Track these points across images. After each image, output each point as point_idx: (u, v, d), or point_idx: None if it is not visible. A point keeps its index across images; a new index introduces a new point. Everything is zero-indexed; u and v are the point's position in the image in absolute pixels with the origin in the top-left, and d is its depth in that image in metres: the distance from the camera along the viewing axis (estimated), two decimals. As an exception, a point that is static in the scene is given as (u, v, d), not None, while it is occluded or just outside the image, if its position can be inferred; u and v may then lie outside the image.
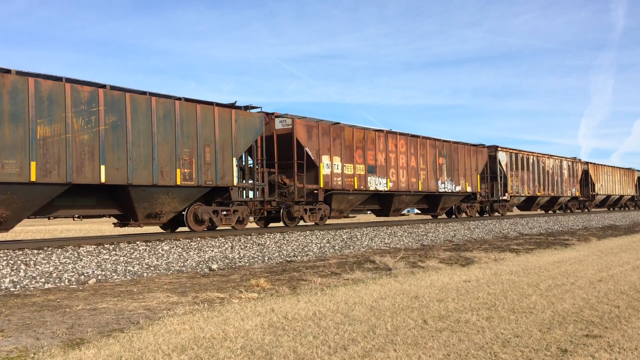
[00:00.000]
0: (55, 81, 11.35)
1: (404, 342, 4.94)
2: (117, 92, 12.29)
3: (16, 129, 10.71)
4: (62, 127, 11.38)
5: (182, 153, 13.51)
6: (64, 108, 11.40)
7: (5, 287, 8.54)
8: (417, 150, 22.00)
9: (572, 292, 7.59)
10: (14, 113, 10.68)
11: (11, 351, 4.78)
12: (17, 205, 11.02)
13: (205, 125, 14.05)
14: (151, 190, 13.04)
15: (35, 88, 10.98)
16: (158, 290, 8.17)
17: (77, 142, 11.59)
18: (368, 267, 10.69)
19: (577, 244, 16.31)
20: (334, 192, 18.07)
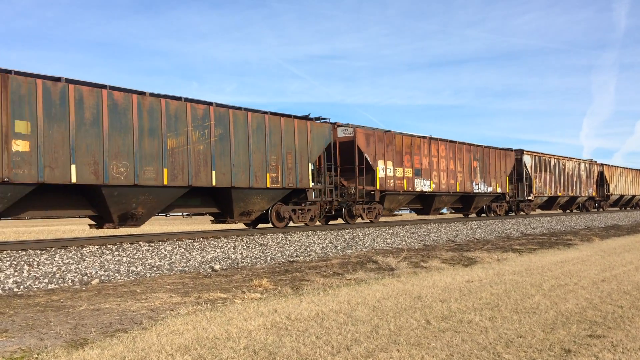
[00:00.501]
0: (179, 101, 13.65)
1: (407, 342, 4.94)
2: (222, 108, 14.56)
3: (152, 142, 12.99)
4: (185, 139, 13.68)
5: (270, 160, 15.85)
6: (186, 124, 13.71)
7: (8, 287, 8.56)
8: (455, 155, 24.30)
9: (575, 292, 7.58)
10: (151, 128, 12.97)
11: (15, 351, 4.79)
12: (151, 204, 13.40)
13: (287, 136, 16.39)
14: (247, 191, 15.34)
15: (166, 107, 13.30)
16: (161, 291, 8.18)
17: (195, 152, 13.89)
18: (370, 268, 10.69)
19: (580, 244, 16.29)
20: (387, 193, 20.48)
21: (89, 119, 11.88)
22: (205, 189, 14.60)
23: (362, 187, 19.32)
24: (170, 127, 13.33)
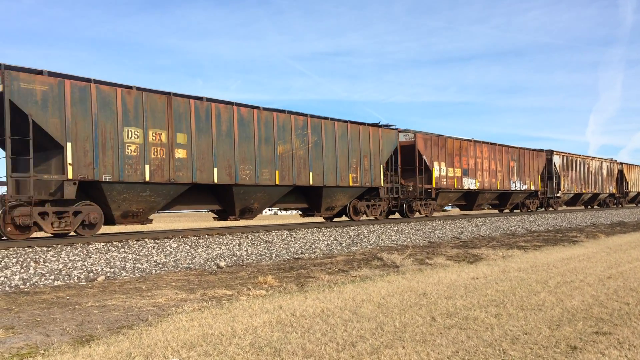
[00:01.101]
0: (285, 114, 16.45)
1: (413, 339, 4.94)
2: (316, 119, 17.38)
3: (267, 149, 15.80)
4: (290, 146, 16.48)
5: (352, 162, 18.60)
6: (290, 133, 16.51)
7: (15, 284, 8.61)
8: (495, 156, 26.97)
9: (581, 289, 7.55)
10: (266, 137, 15.76)
11: (22, 348, 4.82)
12: (264, 200, 16.32)
13: (364, 141, 19.17)
14: (334, 189, 18.13)
15: (276, 119, 16.09)
16: (166, 288, 8.20)
17: (297, 157, 16.68)
18: (375, 264, 10.68)
19: (585, 240, 16.23)
20: (440, 190, 23.13)
21: (224, 131, 14.72)
22: (298, 188, 17.36)
23: (421, 186, 22.10)
24: (279, 136, 16.20)
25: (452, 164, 23.61)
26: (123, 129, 12.64)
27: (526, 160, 29.54)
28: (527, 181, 29.59)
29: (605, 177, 39.57)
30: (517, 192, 28.90)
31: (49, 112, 11.50)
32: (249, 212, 16.15)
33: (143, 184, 13.03)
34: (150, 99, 13.15)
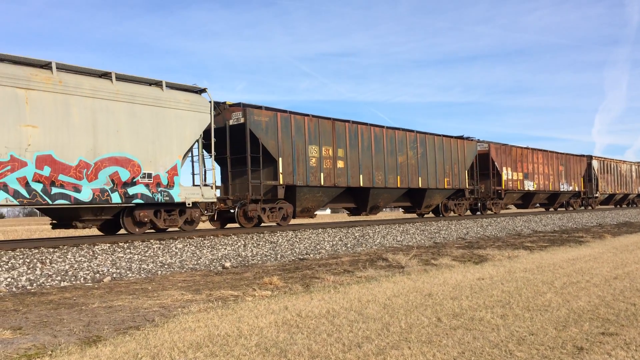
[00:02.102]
0: (401, 130, 20.52)
1: (418, 339, 4.94)
2: (421, 134, 21.42)
3: (392, 159, 19.92)
4: (405, 156, 20.56)
5: (446, 169, 22.68)
6: (406, 146, 20.64)
7: (22, 285, 8.65)
8: (548, 161, 31.02)
9: (587, 289, 7.53)
10: (390, 150, 19.89)
11: (29, 348, 4.84)
12: (387, 199, 20.74)
13: (454, 151, 23.27)
14: (434, 191, 22.30)
15: (396, 135, 20.30)
16: (172, 288, 8.23)
17: (410, 165, 20.77)
18: (381, 265, 10.68)
19: (591, 241, 16.17)
20: (507, 191, 27.30)
21: (365, 146, 18.82)
22: (404, 190, 20.92)
23: (493, 187, 26.43)
24: (399, 149, 20.31)
25: (516, 168, 27.84)
26: (308, 147, 16.78)
27: (571, 165, 33.77)
28: (573, 183, 33.93)
29: (635, 179, 43.72)
30: (565, 192, 33.25)
31: (269, 136, 15.69)
32: (376, 209, 20.46)
33: (319, 187, 17.27)
34: (322, 123, 17.35)
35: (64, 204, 11.29)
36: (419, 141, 21.29)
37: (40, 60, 11.38)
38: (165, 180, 13.02)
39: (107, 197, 11.94)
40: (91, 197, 11.62)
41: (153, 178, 12.80)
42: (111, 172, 12.08)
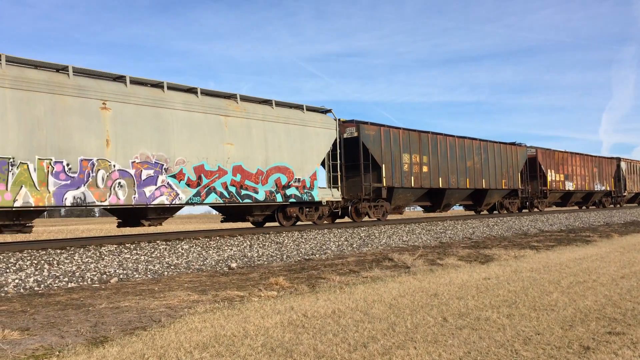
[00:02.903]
0: (468, 139, 23.98)
1: (424, 339, 4.94)
2: (484, 142, 25.03)
3: (462, 164, 23.41)
4: (472, 162, 23.97)
5: (502, 171, 26.30)
6: (472, 152, 24.14)
7: (29, 286, 8.70)
8: (584, 163, 34.84)
9: (594, 289, 7.50)
10: (460, 156, 23.30)
11: (37, 349, 4.88)
12: (457, 199, 24.28)
13: (509, 156, 27.01)
14: (494, 191, 26.01)
15: (465, 143, 23.73)
16: (179, 289, 8.25)
17: (476, 169, 24.19)
18: (386, 265, 10.68)
19: (598, 240, 16.10)
20: (551, 191, 31.04)
21: (442, 153, 22.23)
22: (471, 190, 24.35)
23: (540, 188, 30.30)
24: (467, 155, 23.74)
25: (558, 170, 31.62)
26: (402, 155, 20.19)
27: (603, 166, 37.55)
28: (605, 183, 37.69)
29: None
30: (598, 192, 37.02)
31: (375, 147, 19.24)
32: (447, 207, 23.93)
33: (409, 188, 20.63)
34: (411, 135, 20.77)
35: (248, 203, 15.17)
36: (482, 148, 24.88)
37: (230, 94, 15.17)
38: (308, 183, 16.84)
39: (274, 197, 15.74)
40: (264, 197, 15.46)
41: (301, 182, 16.62)
42: (276, 177, 15.88)
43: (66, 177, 11.58)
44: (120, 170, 12.41)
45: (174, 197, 13.39)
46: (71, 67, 11.96)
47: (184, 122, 13.73)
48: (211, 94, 14.73)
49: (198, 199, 13.97)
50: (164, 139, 13.29)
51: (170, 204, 13.39)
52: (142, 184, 12.75)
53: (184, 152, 13.67)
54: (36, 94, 11.34)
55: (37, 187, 11.09)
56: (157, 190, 13.03)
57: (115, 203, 12.27)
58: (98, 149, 12.08)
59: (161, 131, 13.26)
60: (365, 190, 18.89)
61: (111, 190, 12.21)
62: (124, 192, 12.42)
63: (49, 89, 11.52)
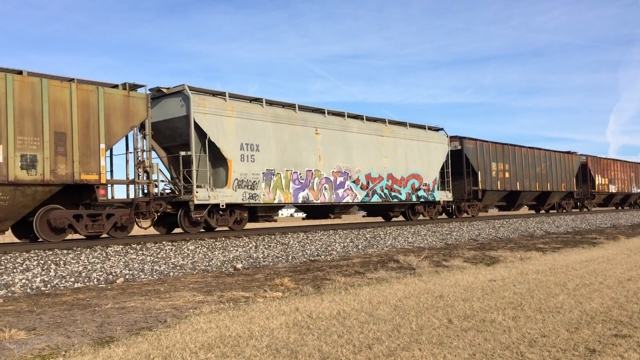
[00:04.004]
0: (536, 149, 28.73)
1: (429, 341, 4.93)
2: (548, 151, 29.96)
3: (533, 170, 28.24)
4: (540, 168, 28.78)
5: (561, 176, 31.15)
6: (540, 159, 28.90)
7: (36, 286, 8.75)
8: (623, 168, 39.63)
9: (600, 291, 7.47)
10: (532, 163, 28.14)
11: (43, 349, 4.90)
12: (528, 199, 29.36)
13: (566, 163, 31.84)
14: (555, 193, 30.79)
15: (537, 153, 28.95)
16: (184, 290, 8.28)
17: (542, 174, 29.06)
18: (392, 267, 10.67)
19: (605, 242, 16.02)
20: (598, 193, 35.71)
21: (519, 161, 27.30)
22: (538, 192, 29.41)
23: (589, 190, 34.96)
24: (537, 162, 28.72)
25: (603, 175, 36.40)
26: (491, 163, 25.22)
27: (639, 171, 42.49)
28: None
29: None
30: (634, 194, 41.85)
31: (473, 157, 24.25)
32: (519, 206, 29.17)
33: (496, 191, 25.63)
34: (497, 146, 25.78)
35: (396, 202, 20.19)
36: (547, 156, 29.67)
37: (382, 119, 20.36)
38: (431, 187, 21.77)
39: (410, 197, 20.72)
40: (405, 197, 20.45)
41: (427, 186, 21.53)
42: (412, 182, 20.79)
43: (298, 183, 16.54)
44: (325, 178, 17.41)
45: (354, 197, 18.33)
46: (297, 105, 17.19)
47: (358, 142, 18.68)
48: (371, 119, 19.94)
49: (367, 198, 18.80)
50: (348, 154, 18.26)
51: (352, 202, 18.51)
52: (336, 188, 17.75)
53: (359, 164, 18.59)
54: (283, 125, 16.26)
55: (284, 189, 16.05)
56: (345, 192, 18.04)
57: (322, 201, 17.28)
58: (314, 162, 17.12)
59: (346, 149, 18.26)
60: (467, 192, 24.22)
61: (320, 191, 17.18)
62: (327, 193, 17.39)
63: (289, 121, 16.50)
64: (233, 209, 15.12)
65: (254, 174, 15.27)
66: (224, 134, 14.71)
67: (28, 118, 11.14)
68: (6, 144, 10.88)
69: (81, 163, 11.83)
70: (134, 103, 12.84)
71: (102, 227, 12.31)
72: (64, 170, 11.59)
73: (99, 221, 12.25)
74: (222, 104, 14.91)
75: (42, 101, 11.31)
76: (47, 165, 11.35)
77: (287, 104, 16.99)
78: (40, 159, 11.27)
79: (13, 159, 10.93)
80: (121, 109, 12.59)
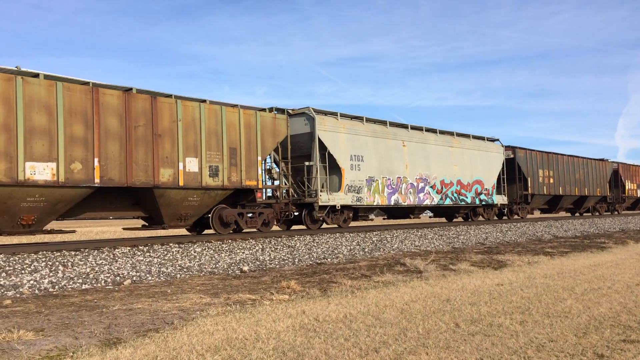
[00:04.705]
0: (575, 157, 32.00)
1: (436, 345, 4.92)
2: (585, 159, 33.04)
3: (572, 176, 31.40)
4: (579, 174, 31.69)
5: (597, 181, 34.03)
6: (579, 167, 32.10)
7: (44, 287, 8.80)
8: None
9: (608, 296, 7.42)
10: (572, 170, 31.49)
11: (51, 350, 4.93)
12: (567, 203, 32.20)
13: (601, 169, 34.75)
14: (591, 197, 33.68)
15: (575, 160, 31.94)
16: (191, 292, 8.30)
17: (580, 180, 31.95)
18: (398, 270, 10.64)
19: (613, 247, 15.92)
20: (627, 197, 38.69)
21: (560, 167, 30.29)
22: (577, 197, 32.16)
23: (620, 195, 37.58)
24: (576, 169, 31.77)
25: (633, 181, 39.11)
26: (538, 170, 28.40)
27: None
28: None
29: None
30: None
31: (523, 164, 27.48)
32: (560, 210, 32.18)
33: (542, 195, 28.91)
34: (543, 155, 28.90)
35: (463, 204, 23.25)
36: (584, 163, 32.58)
37: (450, 132, 23.55)
38: (491, 191, 24.84)
39: (474, 201, 23.83)
40: (470, 200, 23.52)
41: (487, 190, 24.54)
42: (475, 187, 23.78)
43: (391, 188, 19.49)
44: (410, 183, 20.43)
45: (431, 200, 21.36)
46: (388, 122, 20.33)
47: (434, 152, 21.76)
48: (443, 132, 22.95)
49: (441, 201, 21.89)
50: (427, 163, 21.28)
51: (430, 205, 21.62)
52: (418, 192, 20.72)
53: (435, 171, 21.58)
54: (379, 139, 19.39)
55: (380, 193, 19.08)
56: (424, 196, 21.04)
57: (408, 203, 20.25)
58: (402, 170, 20.14)
59: (425, 158, 21.29)
60: (519, 196, 27.55)
61: (407, 195, 20.19)
62: (412, 197, 20.44)
63: (383, 135, 19.66)
64: (342, 210, 18.21)
65: (359, 180, 18.39)
66: (338, 147, 17.91)
67: (213, 137, 14.14)
68: (200, 158, 13.77)
69: (245, 172, 14.88)
70: (279, 123, 16.12)
71: (256, 223, 15.46)
72: (235, 178, 14.66)
73: (253, 218, 15.44)
74: (335, 122, 18.07)
75: (221, 123, 14.38)
76: (225, 173, 14.39)
77: (380, 120, 20.14)
78: (221, 169, 14.30)
79: (204, 169, 13.87)
80: (270, 128, 15.76)
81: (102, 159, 12.06)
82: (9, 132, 10.82)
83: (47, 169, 11.26)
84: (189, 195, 13.71)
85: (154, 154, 12.90)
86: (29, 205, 11.21)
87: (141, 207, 13.64)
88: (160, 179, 13.03)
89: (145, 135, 12.80)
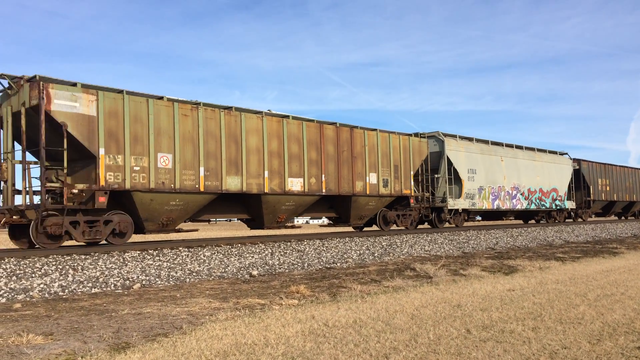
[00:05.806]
0: (625, 167, 36.02)
1: (447, 351, 4.86)
2: (632, 168, 36.73)
3: (623, 183, 35.28)
4: (629, 182, 36.02)
5: (628, 184, 35.85)
6: (628, 175, 36.12)
7: (54, 291, 8.82)
8: None
9: (622, 302, 7.31)
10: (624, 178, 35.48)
11: (60, 354, 4.92)
12: (619, 207, 36.33)
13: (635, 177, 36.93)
14: (636, 203, 37.45)
15: (624, 170, 35.61)
16: (200, 296, 8.28)
17: (629, 188, 35.91)
18: (408, 275, 10.57)
19: (626, 252, 15.74)
20: None
21: (614, 176, 34.07)
22: (627, 202, 35.78)
23: None
24: (626, 178, 35.19)
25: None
26: (598, 179, 31.31)
27: None
28: None
29: None
30: None
31: (587, 174, 31.13)
32: (613, 213, 35.84)
33: (600, 200, 32.36)
34: (600, 166, 32.28)
35: (543, 209, 28.00)
36: (633, 173, 36.24)
37: (530, 147, 28.17)
38: (563, 198, 29.18)
39: (551, 205, 28.25)
40: (548, 205, 28.21)
41: (560, 197, 28.93)
42: (552, 194, 28.28)
43: (493, 195, 24.07)
44: (507, 191, 24.85)
45: (521, 205, 25.81)
46: (490, 141, 25.22)
47: (523, 165, 26.29)
48: (528, 148, 27.63)
49: (528, 206, 26.35)
50: (518, 174, 25.85)
51: (520, 209, 25.94)
52: (512, 198, 25.19)
53: (524, 181, 26.17)
54: (485, 156, 24.13)
55: (487, 199, 23.67)
56: (516, 201, 25.51)
57: (505, 207, 24.65)
58: (501, 180, 24.66)
59: (517, 170, 25.83)
60: (583, 202, 31.50)
61: (504, 201, 24.57)
62: (508, 202, 24.79)
63: (487, 152, 24.29)
64: (458, 212, 22.73)
65: (474, 189, 23.04)
66: (460, 163, 22.56)
67: (384, 157, 18.64)
68: (377, 173, 18.30)
69: (403, 183, 19.24)
70: (422, 145, 20.44)
71: (406, 222, 19.88)
72: (397, 187, 19.05)
73: (404, 218, 19.82)
74: (456, 142, 22.77)
75: (389, 147, 18.85)
76: (392, 184, 18.85)
77: (483, 140, 25.06)
78: (389, 181, 18.75)
79: (380, 181, 18.39)
80: (417, 149, 20.09)
81: (325, 175, 16.63)
82: (280, 158, 15.40)
83: (298, 182, 15.83)
84: (370, 200, 18.17)
85: (352, 171, 17.45)
86: (286, 207, 15.81)
87: (334, 210, 18.08)
88: (356, 189, 17.51)
89: (347, 157, 17.35)
